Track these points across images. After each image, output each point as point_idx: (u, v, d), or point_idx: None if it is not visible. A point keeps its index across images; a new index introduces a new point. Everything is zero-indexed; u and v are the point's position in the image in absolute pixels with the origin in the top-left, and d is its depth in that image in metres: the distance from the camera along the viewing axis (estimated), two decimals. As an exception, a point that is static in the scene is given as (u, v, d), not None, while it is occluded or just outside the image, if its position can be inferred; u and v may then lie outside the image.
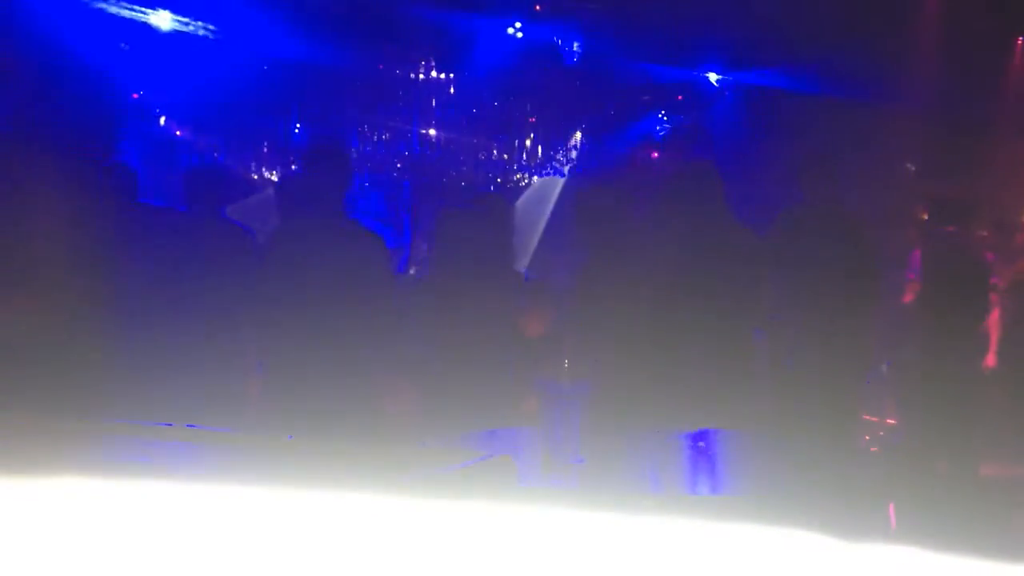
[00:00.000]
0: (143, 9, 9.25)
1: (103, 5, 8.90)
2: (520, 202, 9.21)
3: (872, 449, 6.00)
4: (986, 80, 9.62)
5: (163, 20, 9.38)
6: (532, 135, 11.42)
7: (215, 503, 1.67)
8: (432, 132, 11.05)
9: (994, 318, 5.91)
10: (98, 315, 4.58)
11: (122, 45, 9.51)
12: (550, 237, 7.38)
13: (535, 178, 11.31)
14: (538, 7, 10.09)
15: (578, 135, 11.49)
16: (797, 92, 9.76)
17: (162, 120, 10.53)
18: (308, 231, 4.80)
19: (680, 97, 11.37)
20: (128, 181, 5.08)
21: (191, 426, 2.19)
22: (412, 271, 6.48)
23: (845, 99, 9.26)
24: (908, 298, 5.83)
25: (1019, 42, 9.99)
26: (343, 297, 4.79)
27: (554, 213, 10.66)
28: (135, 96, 10.27)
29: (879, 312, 5.54)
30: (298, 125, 10.78)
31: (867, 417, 6.06)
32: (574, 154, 11.55)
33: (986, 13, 9.09)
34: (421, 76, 10.67)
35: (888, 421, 6.36)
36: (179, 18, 9.44)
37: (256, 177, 10.47)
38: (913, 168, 10.35)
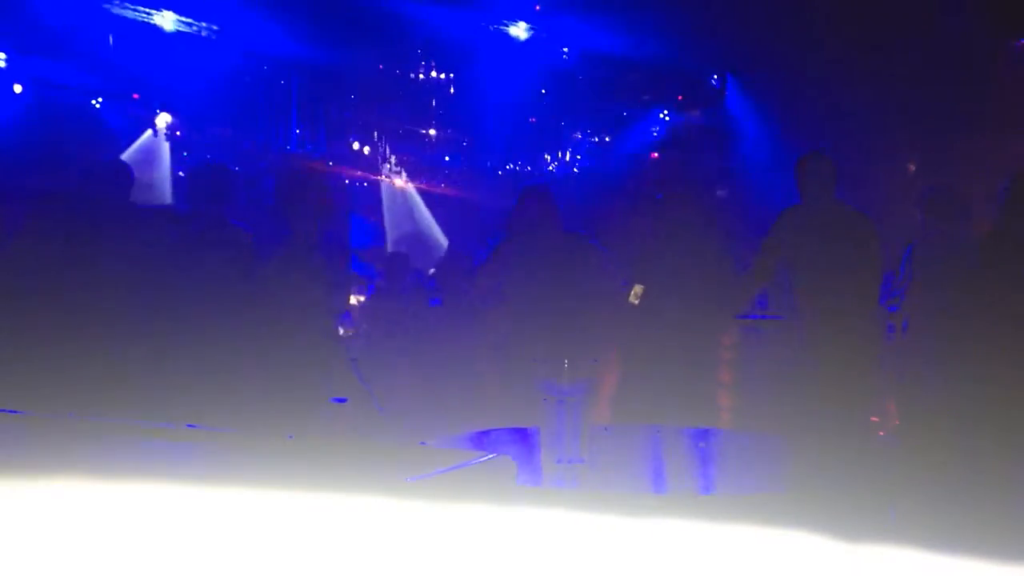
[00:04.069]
0: (146, 10, 9.27)
1: (107, 5, 8.92)
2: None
3: (875, 449, 5.99)
4: (981, 81, 9.64)
5: (164, 20, 9.39)
6: (532, 135, 11.43)
7: (214, 504, 1.67)
8: (432, 132, 11.06)
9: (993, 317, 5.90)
10: (98, 315, 4.58)
11: (110, 39, 9.52)
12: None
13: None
14: (538, 7, 10.09)
15: (578, 135, 11.50)
16: (794, 92, 9.77)
17: (164, 119, 10.55)
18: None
19: (680, 97, 11.38)
20: (124, 180, 5.07)
21: (191, 426, 2.19)
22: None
23: (842, 99, 9.26)
24: (904, 297, 5.83)
25: (1012, 43, 10.00)
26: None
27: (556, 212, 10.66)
28: (135, 96, 10.29)
29: (881, 311, 5.54)
30: (298, 130, 10.80)
31: (869, 417, 6.06)
32: (573, 153, 11.55)
33: (981, 15, 9.11)
34: (421, 76, 10.68)
35: (892, 421, 6.36)
36: (180, 18, 9.45)
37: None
38: (911, 167, 10.36)
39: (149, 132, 10.36)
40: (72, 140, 9.58)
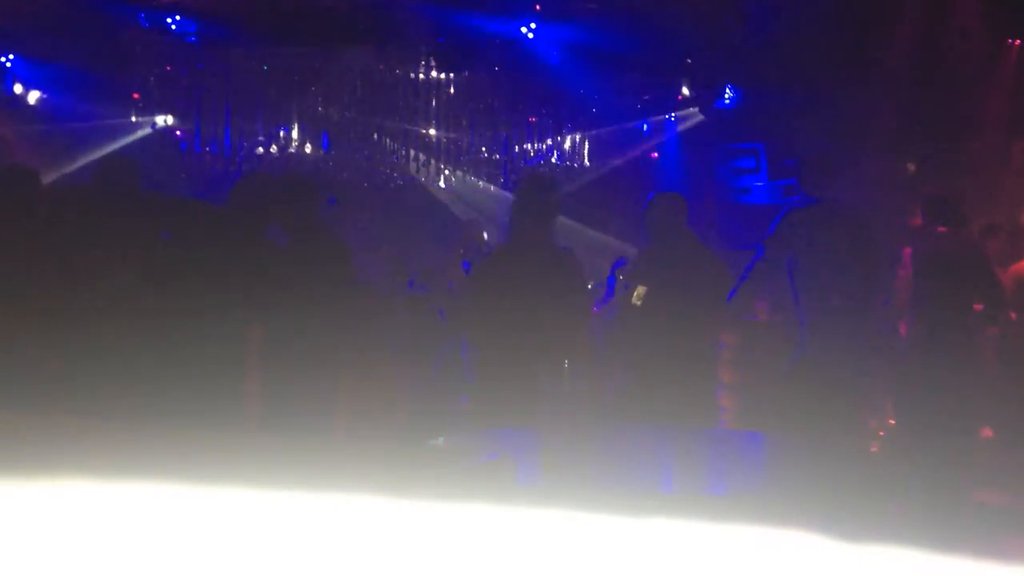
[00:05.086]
0: (147, 9, 9.27)
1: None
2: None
3: (872, 449, 6.01)
4: (978, 81, 9.64)
5: (162, 20, 9.40)
6: (532, 135, 11.43)
7: (214, 504, 1.67)
8: (432, 132, 11.06)
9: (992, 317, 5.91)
10: (102, 314, 4.58)
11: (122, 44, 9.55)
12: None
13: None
14: (538, 7, 10.09)
15: (578, 135, 11.50)
16: (794, 92, 9.76)
17: (167, 119, 10.57)
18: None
19: (680, 97, 11.37)
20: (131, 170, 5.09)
21: (190, 425, 2.19)
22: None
23: (841, 99, 9.26)
24: (904, 296, 5.84)
25: (1010, 43, 10.00)
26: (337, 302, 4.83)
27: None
28: (135, 96, 10.30)
29: (880, 310, 5.54)
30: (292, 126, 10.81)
31: (868, 417, 6.06)
32: (572, 154, 11.56)
33: (978, 14, 9.12)
34: (421, 76, 10.68)
35: (889, 421, 6.37)
36: (179, 18, 9.46)
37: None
38: (910, 168, 10.37)
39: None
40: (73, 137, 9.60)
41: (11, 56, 9.23)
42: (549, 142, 11.45)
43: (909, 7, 9.42)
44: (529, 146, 11.41)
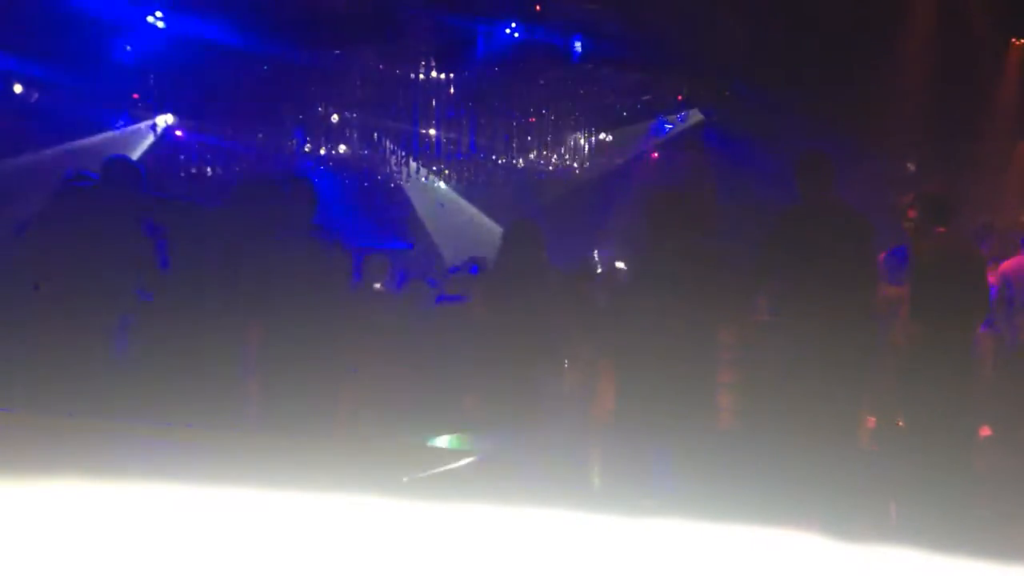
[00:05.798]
0: (145, 8, 9.26)
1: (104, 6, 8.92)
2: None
3: (872, 448, 6.00)
4: (982, 80, 9.63)
5: (163, 20, 9.39)
6: (532, 135, 11.42)
7: (214, 504, 1.67)
8: (432, 132, 11.06)
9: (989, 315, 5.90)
10: (103, 314, 4.58)
11: (126, 47, 9.55)
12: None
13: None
14: (538, 7, 10.09)
15: (578, 135, 11.50)
16: (794, 92, 9.76)
17: (167, 119, 10.56)
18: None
19: (680, 97, 11.36)
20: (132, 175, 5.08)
21: (191, 426, 2.19)
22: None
23: (842, 98, 9.26)
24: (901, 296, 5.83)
25: (1014, 43, 10.00)
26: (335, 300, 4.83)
27: (552, 211, 10.71)
28: (135, 96, 10.29)
29: (877, 310, 5.53)
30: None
31: (867, 416, 6.05)
32: (573, 154, 11.55)
33: (981, 14, 9.11)
34: (421, 76, 10.67)
35: (886, 420, 6.35)
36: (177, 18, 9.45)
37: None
38: (910, 167, 10.37)
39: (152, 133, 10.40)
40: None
41: (10, 56, 9.23)
42: (549, 142, 11.44)
43: (913, 7, 9.41)
44: (529, 147, 11.41)
